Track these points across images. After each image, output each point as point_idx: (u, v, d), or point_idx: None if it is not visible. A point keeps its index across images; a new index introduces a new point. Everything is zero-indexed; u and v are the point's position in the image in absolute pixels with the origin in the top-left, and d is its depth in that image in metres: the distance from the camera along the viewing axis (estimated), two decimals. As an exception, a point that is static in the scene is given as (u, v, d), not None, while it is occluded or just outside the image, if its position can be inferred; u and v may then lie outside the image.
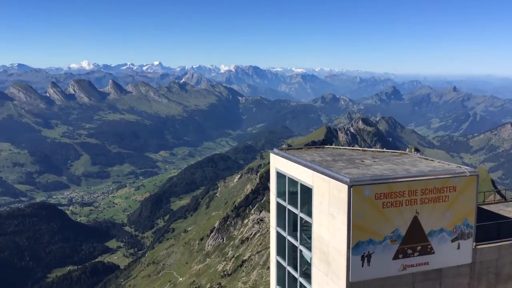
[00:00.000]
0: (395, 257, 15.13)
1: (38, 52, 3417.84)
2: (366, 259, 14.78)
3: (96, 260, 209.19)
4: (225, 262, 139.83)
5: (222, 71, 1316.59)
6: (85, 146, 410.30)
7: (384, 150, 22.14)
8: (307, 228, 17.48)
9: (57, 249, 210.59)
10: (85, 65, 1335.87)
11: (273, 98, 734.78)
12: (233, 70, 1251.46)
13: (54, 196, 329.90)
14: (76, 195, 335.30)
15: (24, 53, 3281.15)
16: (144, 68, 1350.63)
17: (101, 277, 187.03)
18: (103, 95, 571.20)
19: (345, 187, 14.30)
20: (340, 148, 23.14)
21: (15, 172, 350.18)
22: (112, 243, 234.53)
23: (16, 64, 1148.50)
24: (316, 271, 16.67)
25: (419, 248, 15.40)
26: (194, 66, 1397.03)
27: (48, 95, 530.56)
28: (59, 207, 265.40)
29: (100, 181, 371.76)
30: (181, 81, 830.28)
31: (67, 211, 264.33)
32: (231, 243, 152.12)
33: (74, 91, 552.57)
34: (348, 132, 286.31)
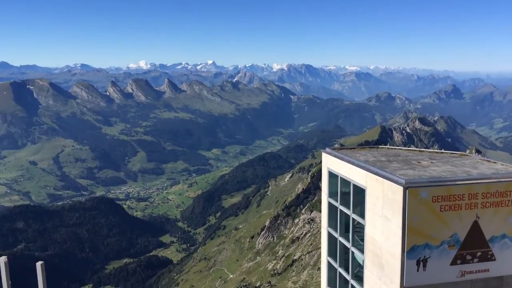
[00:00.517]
0: (453, 262, 14.49)
1: (99, 52, 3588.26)
2: (421, 263, 14.25)
3: (151, 254, 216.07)
4: (275, 261, 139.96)
5: (274, 69, 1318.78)
6: (141, 143, 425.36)
7: (443, 151, 21.26)
8: (359, 230, 17.12)
9: (114, 242, 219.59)
10: (143, 64, 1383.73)
11: (325, 97, 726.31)
12: (286, 68, 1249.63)
13: (113, 191, 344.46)
14: (132, 190, 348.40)
15: (87, 54, 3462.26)
16: (198, 67, 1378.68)
17: (155, 270, 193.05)
18: (159, 93, 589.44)
19: (400, 188, 13.85)
20: (395, 148, 22.48)
21: (77, 167, 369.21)
22: (166, 238, 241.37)
23: (79, 64, 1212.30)
24: (368, 274, 16.32)
25: (479, 254, 14.65)
26: (247, 65, 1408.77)
27: (108, 94, 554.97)
28: (117, 202, 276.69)
29: (155, 177, 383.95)
30: (234, 80, 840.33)
31: (124, 206, 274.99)
32: (281, 242, 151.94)
33: (132, 90, 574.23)
34: (403, 132, 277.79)
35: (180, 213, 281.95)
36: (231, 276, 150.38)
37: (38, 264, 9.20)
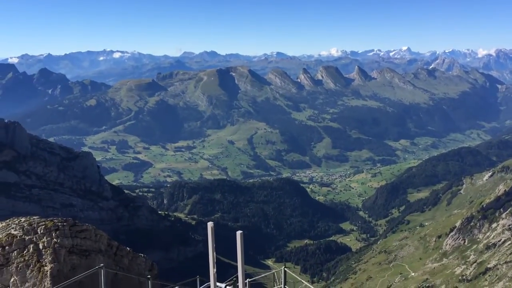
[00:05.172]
0: None
1: (294, 41, 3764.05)
2: None
3: (330, 238, 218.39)
4: (464, 266, 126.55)
5: (479, 55, 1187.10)
6: (327, 130, 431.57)
7: None
8: None
9: (296, 222, 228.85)
10: (334, 52, 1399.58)
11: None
12: (494, 54, 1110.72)
13: (297, 174, 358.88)
14: (316, 175, 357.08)
15: (283, 43, 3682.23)
16: (391, 54, 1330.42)
17: (333, 255, 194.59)
18: (348, 81, 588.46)
19: None
20: None
21: (268, 149, 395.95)
22: (345, 225, 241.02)
23: (275, 53, 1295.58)
24: None
25: None
26: (446, 51, 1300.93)
27: (299, 81, 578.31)
28: (301, 184, 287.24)
29: (339, 164, 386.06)
30: (430, 67, 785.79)
31: (307, 189, 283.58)
32: (473, 247, 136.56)
33: (322, 77, 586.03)
34: None
35: (361, 202, 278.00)
36: (413, 274, 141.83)
37: (238, 233, 10.76)
